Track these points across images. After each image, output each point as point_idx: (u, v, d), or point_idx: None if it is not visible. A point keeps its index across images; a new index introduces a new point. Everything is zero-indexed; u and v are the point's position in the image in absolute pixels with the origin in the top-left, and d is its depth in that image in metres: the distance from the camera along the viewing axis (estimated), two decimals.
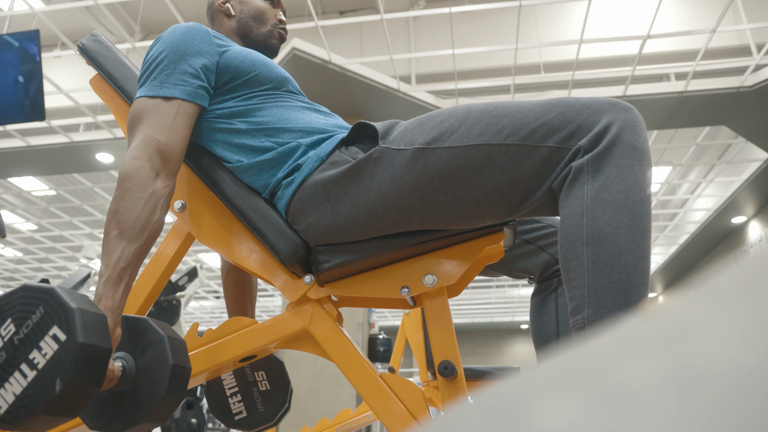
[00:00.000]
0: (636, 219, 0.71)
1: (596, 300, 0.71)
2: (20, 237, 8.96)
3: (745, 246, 7.59)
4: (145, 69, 0.97)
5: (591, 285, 0.72)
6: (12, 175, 6.25)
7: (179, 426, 2.80)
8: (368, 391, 0.85)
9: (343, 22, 4.80)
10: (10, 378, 0.63)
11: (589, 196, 0.73)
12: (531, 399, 0.12)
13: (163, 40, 0.98)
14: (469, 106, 0.85)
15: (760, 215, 7.27)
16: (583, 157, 0.74)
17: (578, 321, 0.72)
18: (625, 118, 0.75)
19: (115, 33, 6.05)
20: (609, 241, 0.71)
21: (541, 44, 5.04)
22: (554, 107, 0.79)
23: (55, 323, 0.64)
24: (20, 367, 0.64)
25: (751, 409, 0.10)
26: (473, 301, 12.83)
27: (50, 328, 0.64)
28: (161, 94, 0.92)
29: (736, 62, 5.03)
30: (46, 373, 0.62)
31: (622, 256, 0.70)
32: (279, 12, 1.24)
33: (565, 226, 0.75)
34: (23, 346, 0.65)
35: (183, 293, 3.36)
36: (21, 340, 0.65)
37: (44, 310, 0.65)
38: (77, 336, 0.62)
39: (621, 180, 0.72)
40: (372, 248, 0.89)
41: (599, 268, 0.71)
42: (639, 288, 0.71)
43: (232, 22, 1.20)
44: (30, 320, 0.65)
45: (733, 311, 0.12)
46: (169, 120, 0.91)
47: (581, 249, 0.73)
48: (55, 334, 0.63)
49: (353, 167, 0.86)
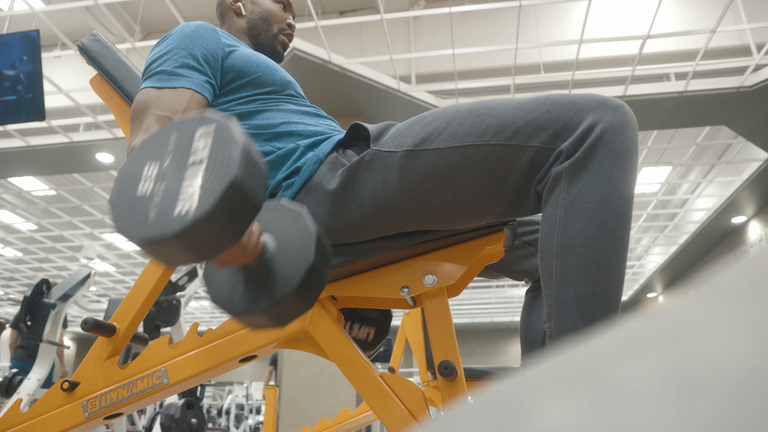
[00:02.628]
0: (608, 230, 0.70)
1: (562, 312, 0.71)
2: (20, 237, 8.96)
3: (745, 246, 7.59)
4: (151, 62, 0.95)
5: (557, 296, 0.72)
6: (12, 175, 6.25)
7: (179, 426, 2.80)
8: (368, 391, 0.85)
9: (343, 22, 4.81)
10: (181, 187, 0.56)
11: (563, 206, 0.72)
12: (531, 399, 0.12)
13: (172, 36, 0.98)
14: (458, 105, 0.83)
15: (760, 215, 7.28)
16: (562, 164, 0.73)
17: (548, 328, 0.74)
18: (611, 118, 0.73)
19: (115, 33, 6.05)
20: (577, 253, 0.70)
21: (541, 44, 5.03)
22: (540, 105, 0.77)
23: (199, 125, 0.59)
24: (185, 176, 0.57)
25: (751, 409, 0.10)
26: (473, 301, 12.83)
27: (195, 132, 0.59)
28: (169, 85, 0.91)
29: (736, 62, 5.03)
30: (216, 153, 0.56)
31: (589, 269, 0.70)
32: (289, 16, 1.23)
33: (541, 234, 0.75)
34: (177, 163, 0.59)
35: (183, 293, 3.36)
36: (172, 161, 0.59)
37: (179, 131, 0.60)
38: (224, 121, 0.58)
39: (597, 189, 0.71)
40: (372, 249, 0.89)
41: (566, 281, 0.71)
42: (606, 301, 0.70)
43: (242, 22, 1.20)
44: (168, 147, 0.60)
45: (733, 311, 0.12)
46: (183, 104, 0.89)
47: (552, 259, 0.73)
48: (203, 131, 0.58)
49: (347, 171, 0.86)
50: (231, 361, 0.93)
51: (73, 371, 1.37)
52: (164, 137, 0.62)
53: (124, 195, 0.60)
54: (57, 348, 3.28)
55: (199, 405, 2.96)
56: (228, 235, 0.58)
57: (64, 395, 0.97)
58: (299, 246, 0.69)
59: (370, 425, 3.11)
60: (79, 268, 3.45)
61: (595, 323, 0.70)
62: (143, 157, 0.62)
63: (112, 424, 3.25)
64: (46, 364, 3.13)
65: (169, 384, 0.93)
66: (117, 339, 1.00)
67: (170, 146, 0.60)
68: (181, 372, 0.93)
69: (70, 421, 0.95)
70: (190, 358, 0.93)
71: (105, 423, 1.00)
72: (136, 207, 0.59)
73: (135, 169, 0.62)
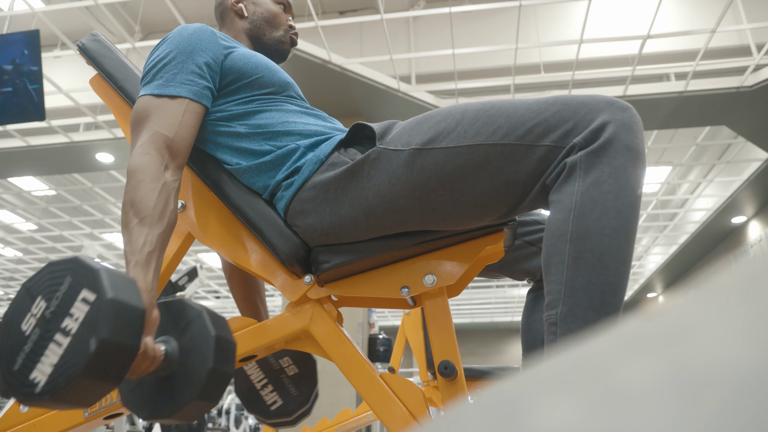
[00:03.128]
0: (623, 222, 0.71)
1: (571, 297, 0.71)
2: (20, 237, 8.96)
3: (745, 246, 7.59)
4: (150, 67, 0.96)
5: (568, 282, 0.72)
6: (12, 175, 6.25)
7: (179, 426, 2.80)
8: (368, 391, 0.85)
9: (343, 22, 4.81)
10: (45, 351, 0.62)
11: (579, 192, 0.73)
12: (531, 399, 0.12)
13: (170, 40, 0.98)
14: (466, 105, 0.84)
15: (760, 215, 7.27)
16: (577, 154, 0.74)
17: (551, 316, 0.73)
18: (622, 117, 0.74)
19: (115, 33, 6.05)
20: (593, 240, 0.71)
21: (541, 44, 5.03)
22: (551, 105, 0.78)
23: (83, 287, 0.62)
24: (54, 338, 0.62)
25: (751, 409, 0.10)
26: (473, 301, 12.83)
27: (79, 293, 0.62)
28: (168, 92, 0.91)
29: (736, 62, 5.03)
30: (80, 335, 0.60)
31: (604, 257, 0.70)
32: (289, 17, 1.24)
33: (552, 220, 0.75)
34: (55, 318, 0.63)
35: (183, 293, 3.36)
36: (53, 313, 0.63)
37: (72, 277, 0.63)
38: (106, 292, 0.61)
39: (613, 180, 0.72)
40: (372, 248, 0.89)
41: (579, 266, 0.71)
42: (616, 291, 0.70)
43: (244, 23, 1.20)
44: (59, 291, 0.63)
45: (733, 311, 0.12)
46: (178, 117, 0.90)
47: (564, 245, 0.73)
48: (85, 297, 0.62)
49: (351, 168, 0.86)
50: None
51: None
52: (61, 275, 0.65)
53: (13, 318, 0.66)
54: None
55: None
56: (90, 395, 0.62)
57: None
58: (200, 349, 0.71)
59: (370, 425, 3.11)
60: None
61: (603, 313, 0.70)
62: (42, 284, 0.66)
63: (113, 424, 3.25)
64: None
65: None
66: None
67: (59, 292, 0.64)
68: None
69: (70, 421, 0.95)
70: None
71: (105, 423, 1.00)
72: (12, 343, 0.64)
73: (28, 297, 0.66)
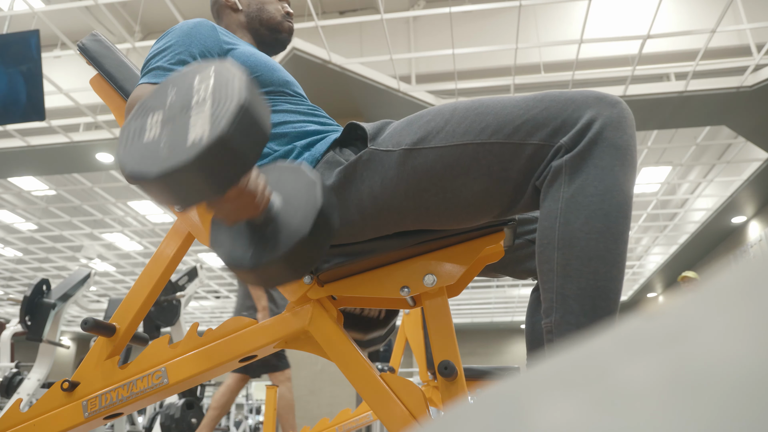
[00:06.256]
0: (610, 224, 0.70)
1: (563, 305, 0.71)
2: (20, 237, 8.96)
3: (745, 246, 7.59)
4: (149, 58, 0.97)
5: (559, 290, 0.71)
6: (12, 175, 6.25)
7: (179, 426, 2.80)
8: (368, 391, 0.85)
9: (343, 22, 4.81)
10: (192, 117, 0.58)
11: (564, 198, 0.71)
12: (531, 399, 0.12)
13: (171, 33, 0.99)
14: (456, 103, 0.83)
15: (760, 215, 7.28)
16: (563, 157, 0.73)
17: (547, 324, 0.73)
18: (610, 113, 0.73)
19: (115, 33, 6.05)
20: (580, 246, 0.70)
21: (541, 44, 5.04)
22: (539, 102, 0.77)
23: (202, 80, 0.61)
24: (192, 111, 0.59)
25: (751, 408, 0.10)
26: (473, 301, 12.83)
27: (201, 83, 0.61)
28: (161, 81, 0.92)
29: (736, 62, 5.04)
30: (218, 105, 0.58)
31: (591, 262, 0.69)
32: (285, 4, 1.24)
33: (540, 228, 0.75)
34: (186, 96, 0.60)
35: (183, 293, 3.36)
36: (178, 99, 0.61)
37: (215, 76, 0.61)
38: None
39: (599, 182, 0.70)
40: (371, 248, 0.89)
41: (568, 274, 0.70)
42: (608, 295, 0.70)
43: (239, 17, 1.20)
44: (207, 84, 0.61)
45: (733, 311, 0.12)
46: None
47: (553, 253, 0.72)
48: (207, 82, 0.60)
49: (344, 170, 0.86)
50: (231, 361, 0.93)
51: (73, 371, 1.37)
52: (162, 92, 0.63)
53: (132, 147, 0.61)
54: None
55: (199, 405, 2.96)
56: (243, 160, 0.58)
57: (64, 395, 0.97)
58: (305, 195, 0.70)
59: (370, 425, 3.11)
60: (79, 268, 3.45)
61: (596, 318, 0.70)
62: (144, 112, 0.63)
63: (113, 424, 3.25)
64: (46, 364, 3.13)
65: (169, 384, 0.93)
66: (117, 339, 1.00)
67: (170, 97, 0.62)
68: (181, 372, 0.93)
69: (70, 421, 0.95)
70: (190, 358, 0.93)
71: (105, 423, 1.00)
72: (147, 151, 0.59)
73: (138, 123, 0.62)
